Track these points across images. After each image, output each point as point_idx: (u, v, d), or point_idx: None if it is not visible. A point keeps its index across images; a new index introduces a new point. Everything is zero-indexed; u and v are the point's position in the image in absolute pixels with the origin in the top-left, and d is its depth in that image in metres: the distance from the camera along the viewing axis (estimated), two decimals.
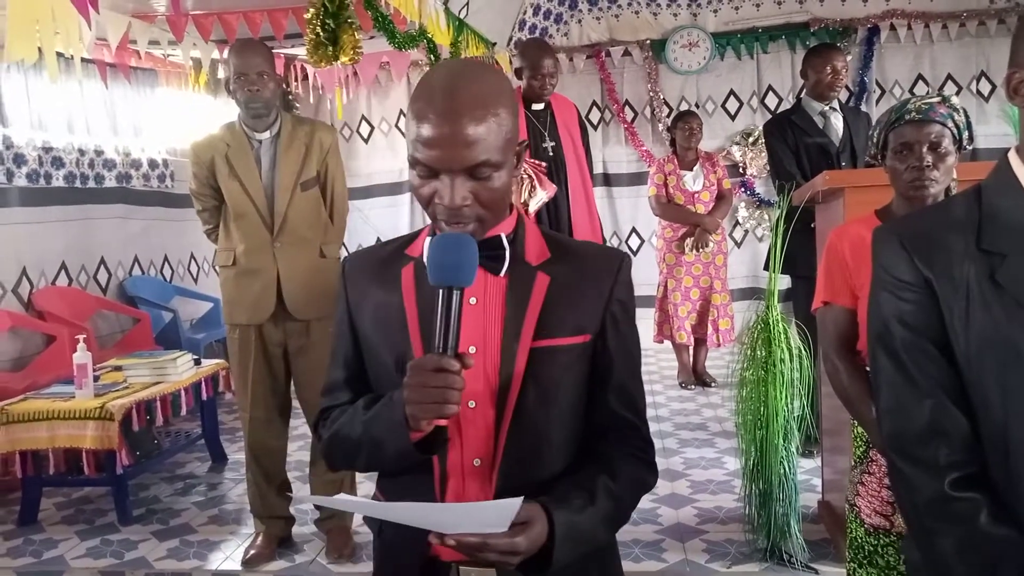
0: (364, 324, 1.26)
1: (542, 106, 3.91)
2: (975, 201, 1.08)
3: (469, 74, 1.13)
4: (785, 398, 2.81)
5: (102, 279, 5.15)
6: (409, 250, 1.26)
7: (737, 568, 2.87)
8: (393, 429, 1.12)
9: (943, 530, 1.05)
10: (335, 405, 1.29)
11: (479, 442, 1.18)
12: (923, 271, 1.06)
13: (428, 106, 1.09)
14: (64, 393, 3.56)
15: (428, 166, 1.10)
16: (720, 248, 5.29)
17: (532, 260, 1.22)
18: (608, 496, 1.17)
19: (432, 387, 1.06)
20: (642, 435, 1.26)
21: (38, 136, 4.65)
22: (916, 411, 1.06)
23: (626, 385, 1.25)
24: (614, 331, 1.23)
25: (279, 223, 3.01)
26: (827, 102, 3.87)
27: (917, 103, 2.04)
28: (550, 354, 1.18)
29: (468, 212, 1.12)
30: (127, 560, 3.20)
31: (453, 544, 1.03)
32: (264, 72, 2.90)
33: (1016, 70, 1.05)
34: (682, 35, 6.50)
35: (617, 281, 1.23)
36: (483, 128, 1.09)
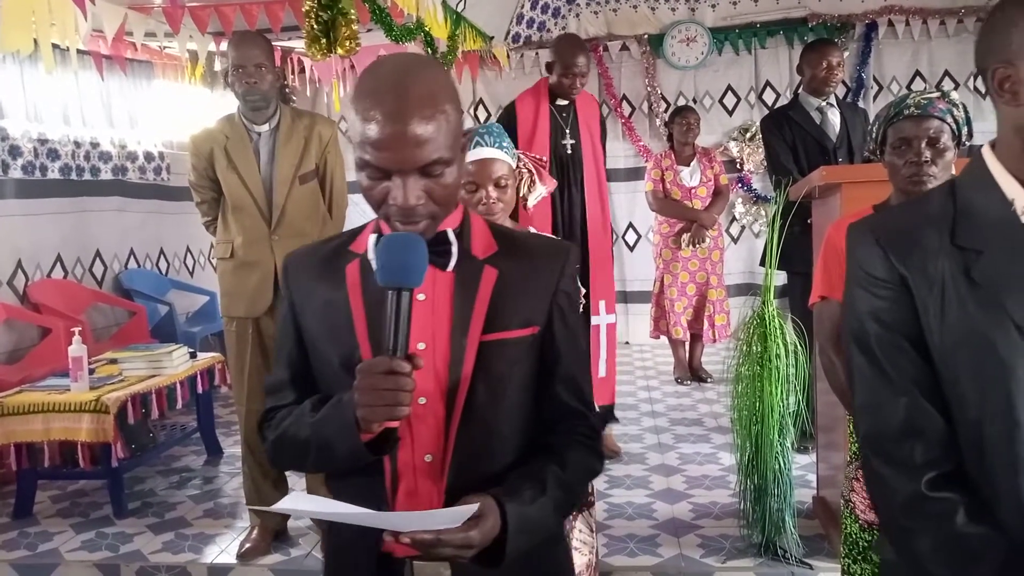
0: (309, 322, 1.24)
1: (566, 102, 3.87)
2: (949, 197, 1.08)
3: (414, 71, 1.11)
4: (780, 394, 2.81)
5: (98, 272, 5.13)
6: (353, 246, 1.24)
7: (732, 563, 2.88)
8: (343, 430, 1.11)
9: (920, 529, 1.04)
10: (280, 406, 1.27)
11: (430, 438, 1.18)
12: (898, 268, 1.05)
13: (376, 106, 1.07)
14: (59, 386, 3.55)
15: (380, 167, 1.09)
16: (716, 244, 5.30)
17: (479, 254, 1.21)
18: (558, 485, 1.18)
19: (383, 390, 1.05)
20: (589, 423, 1.27)
21: (34, 128, 4.63)
22: (891, 409, 1.06)
23: (574, 375, 1.26)
24: (561, 323, 1.23)
25: (277, 216, 3.01)
26: (824, 98, 3.87)
27: (916, 98, 2.04)
28: (499, 347, 1.18)
29: (422, 211, 1.11)
30: (122, 553, 3.20)
31: (407, 542, 1.04)
32: (262, 64, 2.89)
33: (1000, 65, 1.03)
34: (680, 30, 6.49)
35: (563, 273, 1.24)
36: (433, 126, 1.08)
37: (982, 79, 1.07)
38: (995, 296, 0.99)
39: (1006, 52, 1.02)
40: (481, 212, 2.07)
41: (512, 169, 2.10)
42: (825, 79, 3.82)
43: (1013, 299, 0.99)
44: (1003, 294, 0.99)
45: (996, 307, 0.99)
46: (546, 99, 3.86)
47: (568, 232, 3.86)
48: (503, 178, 2.05)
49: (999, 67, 1.03)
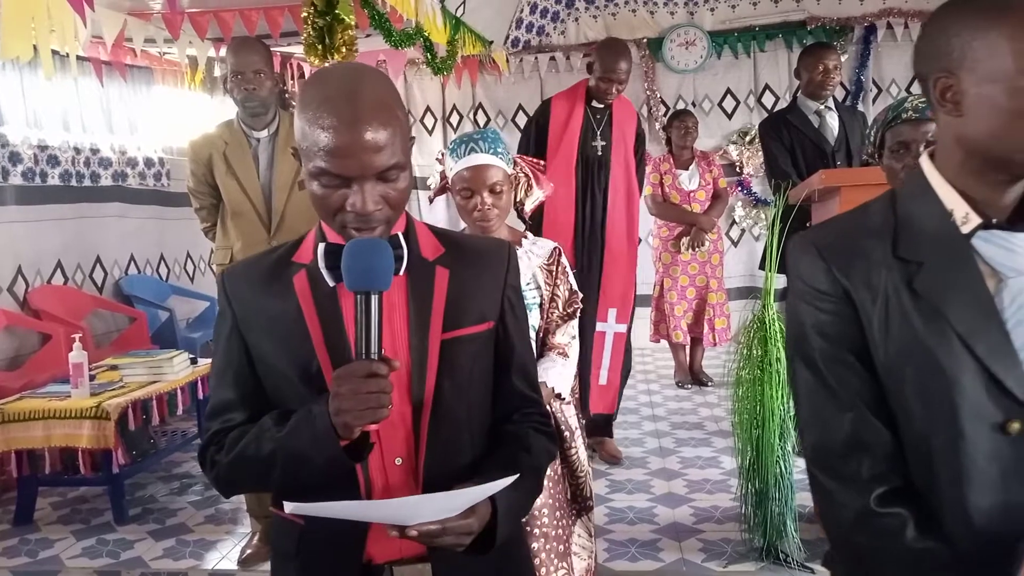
0: (257, 338, 1.21)
1: (602, 106, 3.86)
2: (890, 207, 1.07)
3: (363, 78, 1.12)
4: (781, 397, 2.81)
5: (98, 278, 5.14)
6: (296, 257, 1.23)
7: (733, 567, 2.87)
8: (319, 440, 1.10)
9: (868, 546, 1.04)
10: (228, 427, 1.22)
11: (398, 441, 1.18)
12: (841, 281, 1.04)
13: (330, 114, 1.08)
14: (60, 392, 3.55)
15: (338, 175, 1.09)
16: (716, 247, 5.29)
17: (428, 255, 1.23)
18: (529, 470, 1.22)
19: (365, 393, 1.06)
20: (541, 409, 1.33)
21: (34, 134, 4.64)
22: (836, 424, 1.05)
23: (526, 365, 1.31)
24: (512, 315, 1.28)
25: (276, 221, 3.01)
26: (821, 101, 3.87)
27: (914, 102, 2.04)
28: (460, 344, 1.21)
29: (379, 215, 1.12)
30: (123, 560, 3.19)
31: (415, 535, 1.06)
32: (261, 71, 2.90)
33: (941, 75, 1.01)
34: (679, 34, 6.50)
35: (509, 268, 1.28)
36: (389, 131, 1.10)
37: (921, 86, 1.06)
38: (937, 307, 0.99)
39: (946, 61, 1.01)
40: (476, 219, 2.06)
41: (508, 175, 2.10)
42: (822, 83, 3.83)
43: (954, 310, 0.98)
44: (945, 305, 0.99)
45: (938, 318, 0.99)
46: (582, 100, 3.85)
47: (589, 234, 3.84)
48: (498, 184, 2.05)
49: (940, 76, 1.01)
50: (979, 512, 0.98)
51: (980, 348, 0.97)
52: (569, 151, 3.77)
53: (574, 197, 3.78)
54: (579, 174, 3.80)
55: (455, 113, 6.91)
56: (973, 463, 0.98)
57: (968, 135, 1.01)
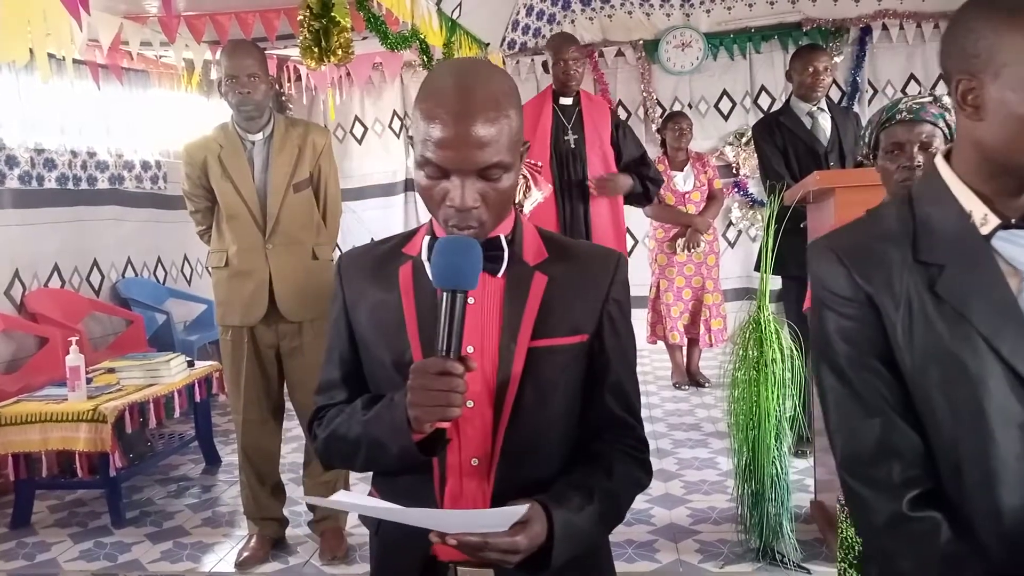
0: (361, 323, 1.25)
1: (570, 101, 3.93)
2: (908, 210, 1.06)
3: (480, 74, 1.13)
4: (777, 398, 2.82)
5: (95, 281, 5.14)
6: (407, 249, 1.25)
7: (730, 568, 2.88)
8: (395, 430, 1.12)
9: (902, 551, 1.03)
10: (331, 404, 1.28)
11: (477, 442, 1.18)
12: (862, 286, 1.03)
13: (440, 106, 1.08)
14: (57, 395, 3.55)
15: (440, 166, 1.09)
16: (712, 248, 5.31)
17: (530, 260, 1.22)
18: (605, 495, 1.17)
19: (436, 390, 1.06)
20: (637, 434, 1.27)
21: (30, 138, 4.63)
22: (865, 430, 1.04)
23: (622, 385, 1.25)
24: (611, 331, 1.23)
25: (271, 224, 3.01)
26: (813, 103, 3.88)
27: (908, 103, 2.05)
28: (548, 354, 1.18)
29: (477, 214, 1.12)
30: (120, 563, 3.19)
31: (454, 544, 1.04)
32: (255, 74, 2.90)
33: (963, 77, 1.00)
34: (675, 35, 6.51)
35: (614, 281, 1.24)
36: (495, 129, 1.09)
37: (945, 83, 1.05)
38: (960, 310, 0.98)
39: (970, 63, 0.99)
40: None
41: None
42: (812, 84, 3.84)
43: (978, 312, 0.98)
44: (967, 307, 0.98)
45: (962, 321, 0.98)
46: (549, 100, 3.96)
47: (571, 227, 3.86)
48: None
49: (962, 79, 1.00)
50: (1010, 514, 0.97)
51: (1005, 349, 0.96)
52: (542, 148, 3.84)
53: (553, 192, 3.80)
54: (555, 169, 3.84)
55: None
56: (1003, 464, 0.97)
57: (986, 140, 1.00)
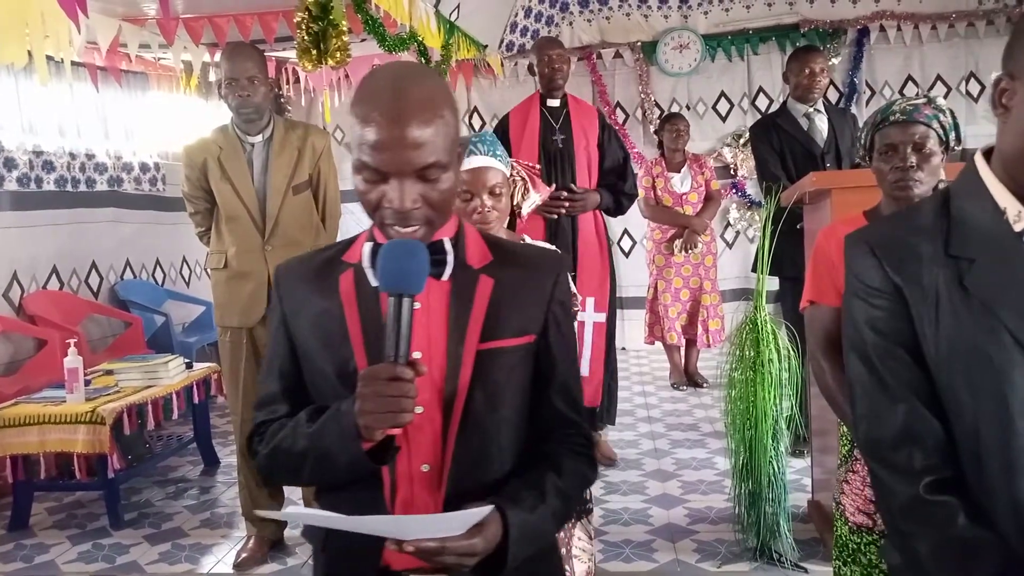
0: (302, 333, 1.24)
1: (557, 103, 3.97)
2: (943, 206, 1.08)
3: (412, 76, 1.13)
4: (774, 398, 2.83)
5: (93, 283, 5.14)
6: (346, 256, 1.24)
7: (727, 567, 2.88)
8: (343, 440, 1.11)
9: (919, 533, 1.06)
10: (272, 419, 1.26)
11: (427, 448, 1.18)
12: (893, 277, 1.06)
13: (374, 109, 1.09)
14: (55, 397, 3.55)
15: (377, 169, 1.10)
16: (709, 249, 5.32)
17: (475, 263, 1.22)
18: (557, 494, 1.19)
19: (387, 396, 1.06)
20: (583, 432, 1.28)
21: (28, 140, 4.65)
22: (889, 416, 1.07)
23: (569, 385, 1.27)
24: (556, 332, 1.25)
25: (271, 226, 3.02)
26: (810, 104, 3.89)
27: (902, 104, 2.06)
28: (496, 356, 1.19)
29: (418, 215, 1.12)
30: (119, 564, 3.20)
31: (411, 550, 1.04)
32: (255, 77, 2.91)
33: (1005, 78, 1.02)
34: (673, 37, 6.52)
35: (557, 283, 1.25)
36: (431, 129, 1.09)
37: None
38: (988, 305, 1.00)
39: (1011, 64, 1.01)
40: (476, 221, 2.07)
41: (507, 177, 2.11)
42: (808, 86, 3.85)
43: (1006, 307, 0.99)
44: (996, 303, 0.99)
45: (989, 316, 1.00)
46: (537, 103, 4.01)
47: (557, 226, 3.88)
48: (497, 186, 2.06)
49: (1003, 78, 1.02)
50: None
51: None
52: (531, 147, 3.87)
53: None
54: (543, 170, 3.85)
55: None
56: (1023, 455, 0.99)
57: (1002, 141, 1.02)
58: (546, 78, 3.92)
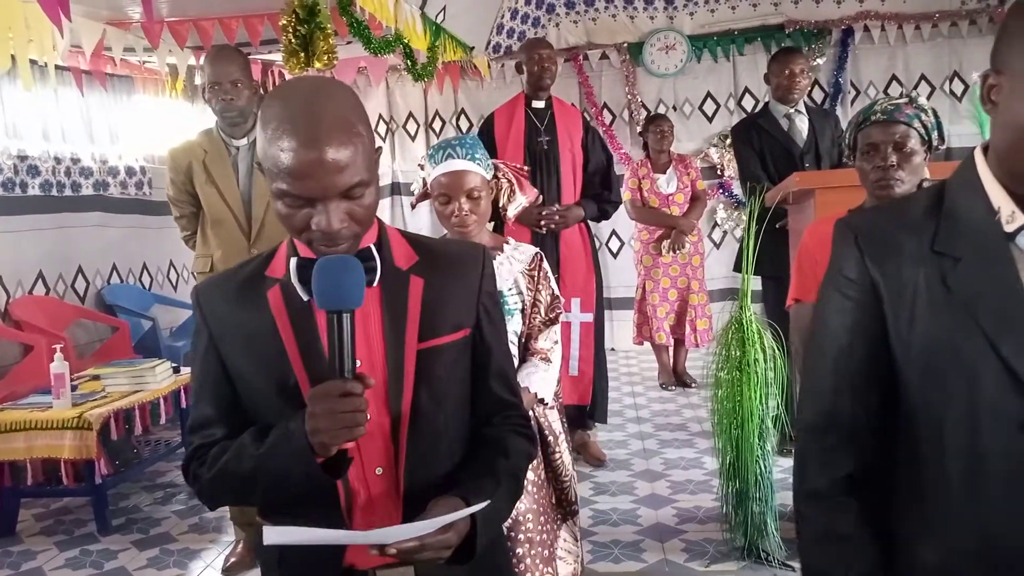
0: (234, 353, 1.22)
1: (542, 104, 3.97)
2: (936, 200, 1.07)
3: (323, 95, 1.10)
4: (760, 398, 2.84)
5: (80, 288, 5.12)
6: (269, 271, 1.22)
7: (715, 567, 2.90)
8: (295, 458, 1.11)
9: (810, 519, 1.12)
10: (209, 443, 1.23)
11: (378, 452, 1.19)
12: (871, 272, 1.06)
13: (289, 134, 1.06)
14: (42, 403, 3.54)
15: (300, 196, 1.08)
16: (696, 249, 5.34)
17: (402, 265, 1.23)
18: (508, 475, 1.24)
19: (341, 412, 1.07)
20: (521, 412, 1.33)
21: (13, 144, 4.62)
22: (825, 404, 1.11)
23: (504, 369, 1.32)
24: (488, 322, 1.28)
25: (256, 229, 3.01)
26: (791, 104, 3.92)
27: (884, 104, 2.08)
28: (435, 354, 1.21)
29: (346, 233, 1.11)
30: (107, 570, 3.18)
31: (394, 552, 1.07)
32: (238, 80, 2.90)
33: (992, 74, 1.02)
34: (659, 38, 6.55)
35: (483, 275, 1.28)
36: (350, 150, 1.08)
37: None
38: (967, 304, 0.99)
39: (996, 60, 1.01)
40: (454, 224, 2.08)
41: (486, 180, 2.11)
42: (788, 87, 3.88)
43: (985, 308, 0.98)
44: (975, 303, 0.99)
45: (967, 315, 0.99)
46: (522, 104, 4.01)
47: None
48: (476, 190, 2.06)
49: (990, 74, 1.02)
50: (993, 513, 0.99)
51: (1006, 348, 0.97)
52: (516, 149, 3.88)
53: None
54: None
55: (438, 119, 6.93)
56: (989, 462, 0.99)
57: (994, 137, 1.02)
58: (535, 76, 3.92)
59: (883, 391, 1.07)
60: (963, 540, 1.01)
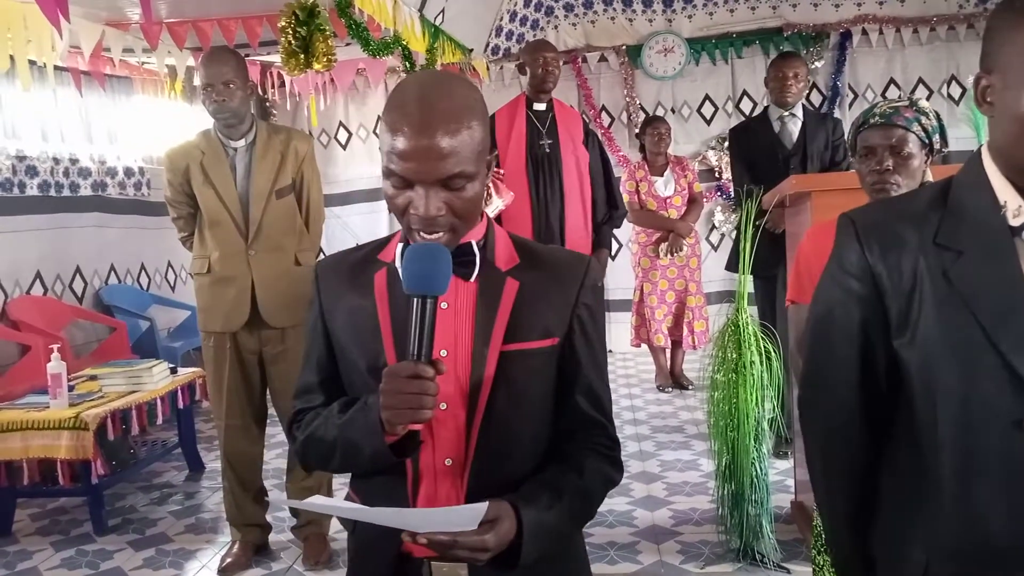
0: (337, 328, 1.28)
1: (544, 107, 3.94)
2: (942, 194, 1.08)
3: (443, 86, 1.15)
4: (756, 400, 2.84)
5: (78, 288, 5.11)
6: (382, 255, 1.28)
7: (711, 568, 2.90)
8: (368, 433, 1.15)
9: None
10: (309, 408, 1.31)
11: (451, 443, 1.21)
12: (871, 264, 1.07)
13: (403, 118, 1.11)
14: (38, 403, 3.53)
15: (403, 177, 1.12)
16: (694, 251, 5.35)
17: (502, 266, 1.24)
18: (576, 493, 1.21)
19: (407, 393, 1.09)
20: (608, 434, 1.29)
21: (11, 145, 4.62)
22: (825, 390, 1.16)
23: (593, 386, 1.28)
24: (581, 334, 1.26)
25: (254, 231, 3.02)
26: (787, 108, 3.95)
27: (883, 107, 2.08)
28: (519, 358, 1.21)
29: (442, 221, 1.14)
30: (103, 570, 3.18)
31: (425, 542, 1.08)
32: (231, 81, 2.90)
33: (983, 75, 1.03)
34: (657, 40, 6.56)
35: (583, 286, 1.26)
36: (457, 140, 1.11)
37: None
38: (967, 297, 1.00)
39: (987, 60, 1.03)
40: None
41: None
42: (782, 90, 3.92)
43: (984, 304, 0.99)
44: (975, 296, 0.99)
45: (965, 309, 0.99)
46: (523, 107, 3.96)
47: (545, 230, 3.88)
48: None
49: (982, 76, 1.03)
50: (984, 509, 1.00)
51: (1005, 344, 0.97)
52: (518, 153, 3.85)
53: (528, 196, 3.84)
54: (530, 173, 3.86)
55: None
56: (982, 458, 1.00)
57: (994, 137, 1.03)
58: (538, 79, 3.87)
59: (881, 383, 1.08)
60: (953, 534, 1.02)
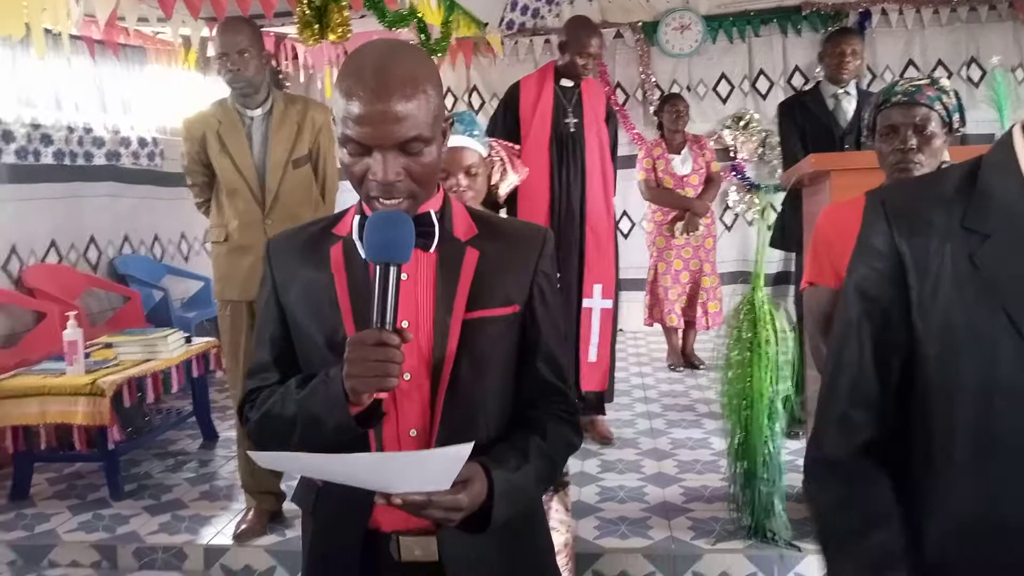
0: (292, 304, 1.27)
1: (571, 84, 3.88)
2: (971, 176, 1.06)
3: (396, 53, 1.15)
4: (770, 379, 2.84)
5: (92, 257, 5.14)
6: (336, 229, 1.28)
7: (721, 545, 2.92)
8: (331, 404, 1.14)
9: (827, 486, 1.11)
10: (263, 386, 1.29)
11: (415, 414, 1.22)
12: (898, 244, 1.05)
13: (359, 84, 1.11)
14: (55, 369, 3.57)
15: (360, 143, 1.13)
16: (709, 231, 5.33)
17: (461, 236, 1.25)
18: (540, 455, 1.24)
19: (373, 361, 1.09)
20: (568, 400, 1.32)
21: (26, 113, 4.62)
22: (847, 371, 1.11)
23: (554, 353, 1.31)
24: (541, 302, 1.29)
25: (270, 200, 3.02)
26: (841, 85, 3.89)
27: (904, 86, 2.06)
28: (481, 325, 1.22)
29: (401, 187, 1.15)
30: (119, 534, 3.22)
31: (399, 503, 1.07)
32: (246, 51, 2.89)
33: None
34: (674, 17, 6.50)
35: (542, 255, 1.29)
36: (413, 104, 1.12)
37: None
38: (992, 282, 0.98)
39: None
40: None
41: (483, 157, 2.11)
42: (838, 66, 3.86)
43: (1010, 289, 0.97)
44: (1001, 280, 0.98)
45: (990, 293, 0.98)
46: (551, 80, 3.88)
47: (566, 211, 3.85)
48: (473, 166, 2.06)
49: None
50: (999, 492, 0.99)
51: None
52: (542, 130, 3.79)
53: (548, 176, 3.79)
54: (553, 152, 3.81)
55: (449, 95, 6.90)
56: (999, 442, 0.98)
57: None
58: (579, 67, 3.79)
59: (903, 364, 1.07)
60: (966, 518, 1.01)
